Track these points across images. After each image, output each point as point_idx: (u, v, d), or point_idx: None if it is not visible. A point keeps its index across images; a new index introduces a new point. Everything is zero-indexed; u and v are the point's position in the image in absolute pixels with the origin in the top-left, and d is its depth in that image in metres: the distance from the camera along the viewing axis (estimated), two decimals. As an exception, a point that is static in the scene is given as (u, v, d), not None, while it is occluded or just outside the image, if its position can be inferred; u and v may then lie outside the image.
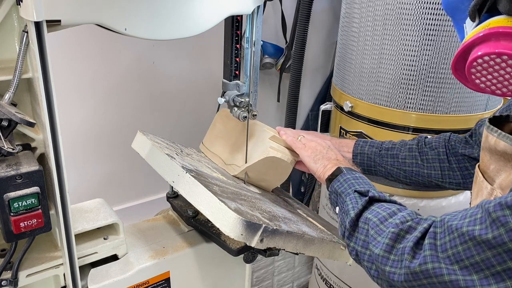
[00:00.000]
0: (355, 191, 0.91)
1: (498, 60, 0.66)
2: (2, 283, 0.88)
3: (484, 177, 0.80)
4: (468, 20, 0.73)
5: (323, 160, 1.05)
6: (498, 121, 0.78)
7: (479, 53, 0.67)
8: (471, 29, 0.71)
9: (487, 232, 0.61)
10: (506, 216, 0.60)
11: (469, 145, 1.14)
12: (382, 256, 0.76)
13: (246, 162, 1.16)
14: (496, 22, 0.67)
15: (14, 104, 0.85)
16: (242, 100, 1.10)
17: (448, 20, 1.37)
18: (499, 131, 0.74)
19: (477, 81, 0.72)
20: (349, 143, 1.27)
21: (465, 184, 1.16)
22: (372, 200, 0.87)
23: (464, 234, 0.64)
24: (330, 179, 0.99)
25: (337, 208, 0.94)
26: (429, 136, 1.23)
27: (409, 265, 0.70)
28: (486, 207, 0.63)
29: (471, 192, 0.90)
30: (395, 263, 0.73)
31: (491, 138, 0.76)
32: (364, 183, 0.94)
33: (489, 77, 0.70)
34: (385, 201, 0.87)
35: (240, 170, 1.17)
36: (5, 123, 0.79)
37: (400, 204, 0.86)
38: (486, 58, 0.67)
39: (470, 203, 1.17)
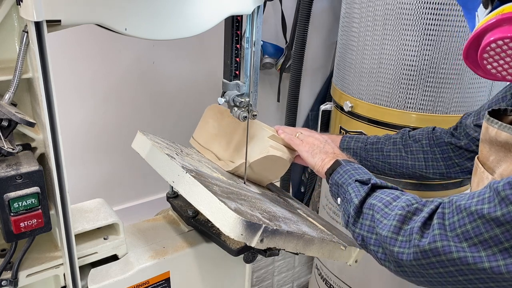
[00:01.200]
0: (356, 180, 0.92)
1: (511, 44, 0.67)
2: (2, 283, 0.88)
3: (484, 168, 0.82)
4: (480, 8, 0.73)
5: (320, 154, 1.07)
6: (496, 114, 0.80)
7: (492, 38, 0.68)
8: (484, 16, 0.72)
9: (496, 210, 0.63)
10: None
11: (455, 136, 1.17)
12: (390, 237, 0.77)
13: (246, 161, 1.16)
14: (510, 7, 0.67)
15: (14, 104, 0.85)
16: (242, 100, 1.10)
17: (448, 20, 1.37)
18: (500, 122, 0.76)
19: (489, 66, 0.72)
20: (335, 139, 1.30)
21: (449, 174, 1.20)
22: (375, 187, 0.88)
23: (473, 213, 0.66)
24: (330, 172, 1.00)
25: (339, 199, 0.95)
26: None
27: (418, 244, 0.71)
28: (495, 186, 0.64)
29: (470, 184, 0.91)
30: (403, 244, 0.74)
31: (492, 129, 0.77)
32: (363, 172, 0.95)
33: (501, 62, 0.70)
34: (386, 187, 0.89)
35: (235, 166, 1.17)
36: (5, 123, 0.79)
37: (402, 190, 0.87)
38: (500, 42, 0.67)
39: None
